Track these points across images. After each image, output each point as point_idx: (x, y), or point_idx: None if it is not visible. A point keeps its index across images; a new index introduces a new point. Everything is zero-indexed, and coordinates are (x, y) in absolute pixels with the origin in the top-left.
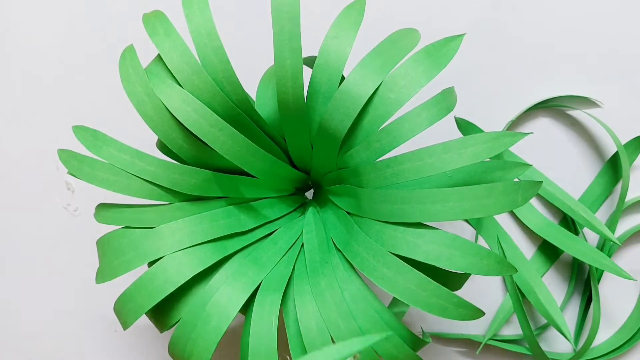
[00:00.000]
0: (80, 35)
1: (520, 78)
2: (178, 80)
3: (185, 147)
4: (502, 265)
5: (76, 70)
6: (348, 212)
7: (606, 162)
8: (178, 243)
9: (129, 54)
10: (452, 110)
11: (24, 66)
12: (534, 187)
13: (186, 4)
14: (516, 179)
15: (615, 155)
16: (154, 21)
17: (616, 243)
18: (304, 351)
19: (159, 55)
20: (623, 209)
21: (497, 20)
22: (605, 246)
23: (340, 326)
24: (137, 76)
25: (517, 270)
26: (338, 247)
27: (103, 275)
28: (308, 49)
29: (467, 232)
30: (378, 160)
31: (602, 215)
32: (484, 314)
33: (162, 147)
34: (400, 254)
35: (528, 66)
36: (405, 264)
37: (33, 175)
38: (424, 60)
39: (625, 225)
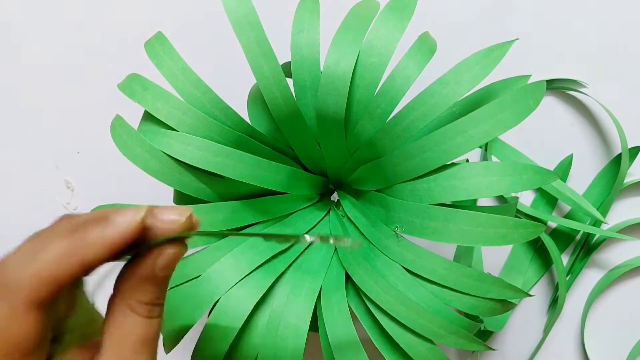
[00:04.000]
0: (80, 35)
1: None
2: (171, 126)
3: (202, 187)
4: (542, 174)
5: (77, 69)
6: (377, 191)
7: (609, 162)
8: (228, 281)
9: (117, 122)
10: (435, 51)
11: (24, 65)
12: (541, 88)
13: (152, 53)
14: None
15: (618, 157)
16: (132, 84)
17: (602, 221)
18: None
19: (145, 112)
20: (621, 189)
21: (497, 20)
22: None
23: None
24: (132, 139)
25: (558, 176)
26: (381, 224)
27: (170, 340)
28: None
29: None
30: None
31: None
32: (544, 226)
33: (180, 198)
34: (441, 202)
35: (528, 66)
36: (449, 209)
37: (32, 174)
38: (390, 17)
39: (621, 214)
